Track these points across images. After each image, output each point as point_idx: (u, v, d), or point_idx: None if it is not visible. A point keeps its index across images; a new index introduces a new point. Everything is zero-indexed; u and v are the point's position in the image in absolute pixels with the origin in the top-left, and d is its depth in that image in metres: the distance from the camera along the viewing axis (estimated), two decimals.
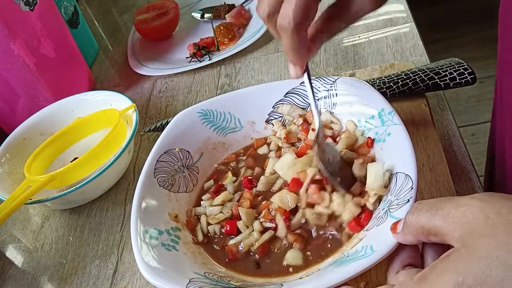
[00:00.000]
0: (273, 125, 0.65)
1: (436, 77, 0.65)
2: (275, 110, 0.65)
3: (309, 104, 0.64)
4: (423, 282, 0.34)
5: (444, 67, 0.67)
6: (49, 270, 0.66)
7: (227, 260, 0.54)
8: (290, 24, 0.43)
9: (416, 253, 0.40)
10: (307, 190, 0.53)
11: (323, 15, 0.48)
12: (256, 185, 0.60)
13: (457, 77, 0.65)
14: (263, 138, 0.66)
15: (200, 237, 0.57)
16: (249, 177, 0.61)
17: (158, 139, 0.62)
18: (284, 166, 0.56)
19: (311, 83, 0.51)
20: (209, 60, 0.90)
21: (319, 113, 0.54)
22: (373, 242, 0.45)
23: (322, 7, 0.47)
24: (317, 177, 0.53)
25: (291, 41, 0.45)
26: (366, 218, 0.50)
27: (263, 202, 0.57)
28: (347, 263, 0.45)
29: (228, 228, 0.56)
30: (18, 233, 0.73)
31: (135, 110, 0.74)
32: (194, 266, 0.52)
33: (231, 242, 0.55)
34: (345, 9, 0.46)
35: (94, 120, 0.78)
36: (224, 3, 1.04)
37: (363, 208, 0.51)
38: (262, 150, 0.64)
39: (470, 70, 0.65)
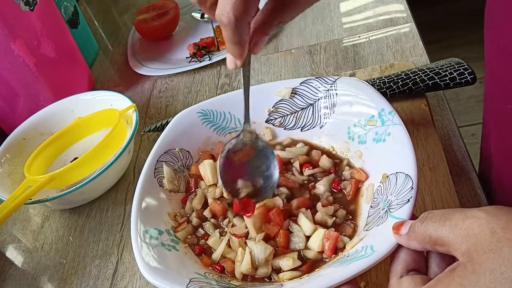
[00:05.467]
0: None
1: (436, 77, 0.66)
2: (275, 110, 0.65)
3: (309, 104, 0.64)
4: None
5: (444, 67, 0.67)
6: (49, 270, 0.66)
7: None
8: (230, 21, 0.40)
9: (421, 258, 0.40)
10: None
11: (267, 4, 0.45)
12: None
13: (457, 77, 0.65)
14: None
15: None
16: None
17: (158, 139, 0.62)
18: None
19: (247, 80, 0.50)
20: (209, 60, 0.90)
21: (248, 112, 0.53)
22: (373, 242, 0.45)
23: None
24: None
25: (231, 36, 0.42)
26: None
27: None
28: (347, 263, 0.45)
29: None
30: (18, 233, 0.73)
31: (135, 110, 0.74)
32: (195, 266, 0.52)
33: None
34: None
35: (94, 120, 0.78)
36: None
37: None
38: None
39: (470, 70, 0.65)
